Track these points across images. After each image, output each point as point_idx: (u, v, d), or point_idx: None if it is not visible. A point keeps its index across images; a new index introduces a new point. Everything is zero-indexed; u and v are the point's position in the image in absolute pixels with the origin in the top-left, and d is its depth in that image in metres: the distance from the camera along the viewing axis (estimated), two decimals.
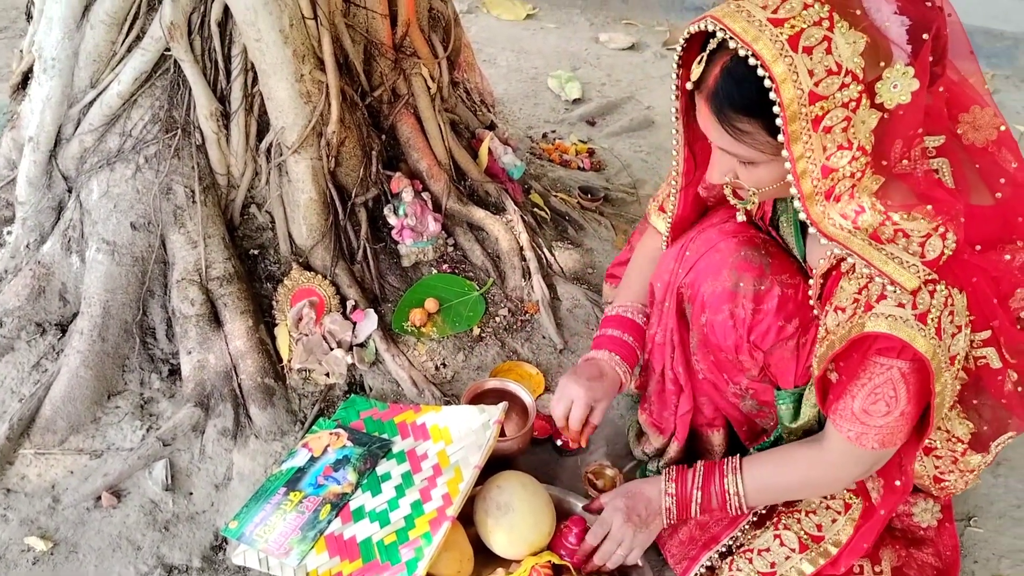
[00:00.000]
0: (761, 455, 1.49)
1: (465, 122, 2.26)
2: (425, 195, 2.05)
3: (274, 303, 1.89)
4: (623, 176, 2.71)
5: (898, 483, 1.41)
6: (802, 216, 1.19)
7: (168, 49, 1.66)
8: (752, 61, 1.08)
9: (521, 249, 2.12)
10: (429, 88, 2.03)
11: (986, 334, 1.27)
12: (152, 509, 1.63)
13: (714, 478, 1.48)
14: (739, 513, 1.49)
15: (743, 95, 1.14)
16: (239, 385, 1.76)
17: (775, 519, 1.54)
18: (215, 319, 1.81)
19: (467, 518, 1.57)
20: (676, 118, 1.34)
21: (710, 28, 1.13)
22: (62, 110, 1.72)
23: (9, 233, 1.91)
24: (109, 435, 1.72)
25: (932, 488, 1.54)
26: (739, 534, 1.55)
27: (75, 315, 1.84)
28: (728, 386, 1.55)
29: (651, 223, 1.68)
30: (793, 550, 1.50)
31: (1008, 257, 1.24)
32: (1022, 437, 1.88)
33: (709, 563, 1.54)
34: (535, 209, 2.30)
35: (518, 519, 1.53)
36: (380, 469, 1.64)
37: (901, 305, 1.19)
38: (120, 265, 1.77)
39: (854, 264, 1.26)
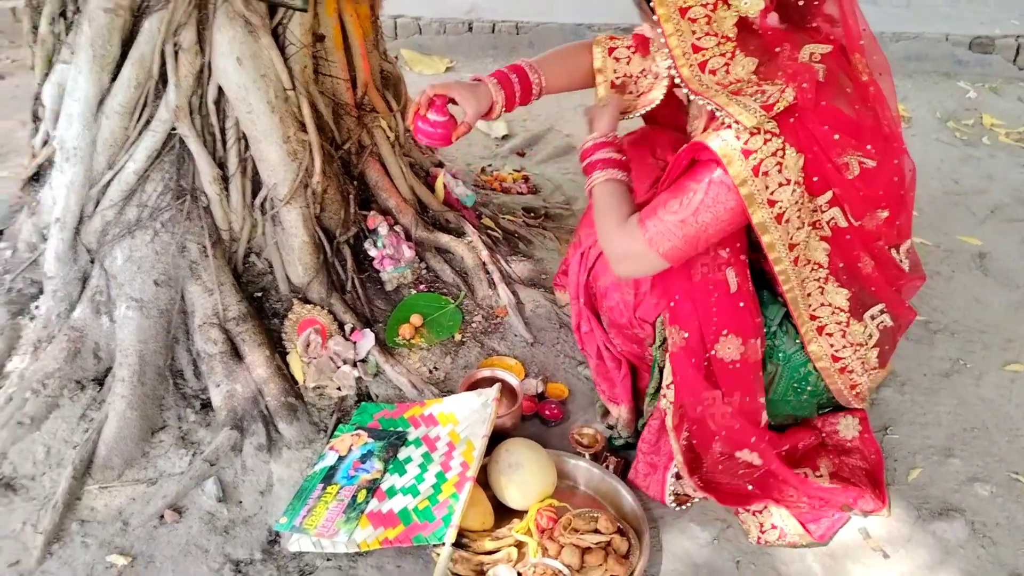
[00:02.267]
0: (624, 193, 1.74)
1: (419, 163, 2.61)
2: (397, 228, 2.37)
3: (283, 335, 2.18)
4: (557, 196, 3.08)
5: None
6: (677, 78, 1.54)
7: (174, 128, 1.96)
8: None
9: (484, 264, 2.45)
10: (388, 137, 2.37)
11: (828, 195, 1.59)
12: (210, 519, 1.88)
13: (594, 171, 1.76)
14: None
15: None
16: (266, 407, 2.03)
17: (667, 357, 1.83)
18: (236, 354, 2.09)
19: (482, 484, 1.88)
20: None
21: None
22: (84, 191, 1.99)
23: (36, 307, 2.15)
24: (159, 464, 1.98)
25: (840, 385, 1.86)
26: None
27: (108, 369, 2.09)
28: (646, 354, 1.91)
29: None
30: None
31: (837, 137, 1.56)
32: (918, 369, 2.29)
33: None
34: (489, 231, 2.64)
35: (527, 474, 1.85)
36: (401, 455, 1.94)
37: (737, 137, 1.50)
38: (148, 318, 2.03)
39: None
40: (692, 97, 1.60)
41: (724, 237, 1.66)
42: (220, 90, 1.97)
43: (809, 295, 1.72)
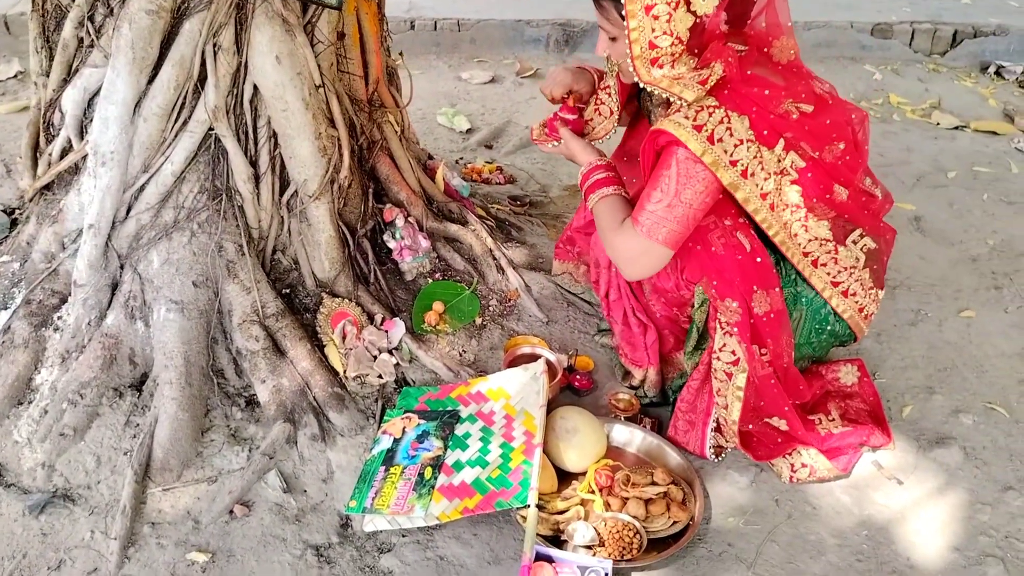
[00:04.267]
0: (617, 204, 1.94)
1: (417, 156, 2.68)
2: (410, 219, 2.44)
3: (317, 328, 2.22)
4: (532, 184, 3.21)
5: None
6: (631, 69, 1.75)
7: (211, 128, 1.97)
8: None
9: (491, 251, 2.56)
10: (396, 132, 2.44)
11: (782, 143, 1.80)
12: (279, 510, 1.91)
13: (590, 194, 1.99)
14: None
15: None
16: (314, 398, 2.08)
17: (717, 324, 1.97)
18: (277, 350, 2.12)
19: None
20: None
21: None
22: (119, 196, 1.97)
23: (60, 318, 2.11)
24: (215, 463, 1.99)
25: (850, 309, 2.04)
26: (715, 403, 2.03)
27: (144, 375, 2.08)
28: (680, 316, 2.08)
29: None
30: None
31: (767, 92, 1.78)
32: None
33: (715, 421, 2.04)
34: (483, 220, 2.74)
35: (583, 438, 1.97)
36: (459, 431, 2.02)
37: (686, 117, 1.75)
38: (189, 319, 2.04)
39: None
40: (652, 94, 1.82)
41: (716, 207, 1.86)
42: (255, 88, 1.99)
43: (796, 235, 1.91)
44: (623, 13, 1.69)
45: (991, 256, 2.95)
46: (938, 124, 3.95)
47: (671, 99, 1.77)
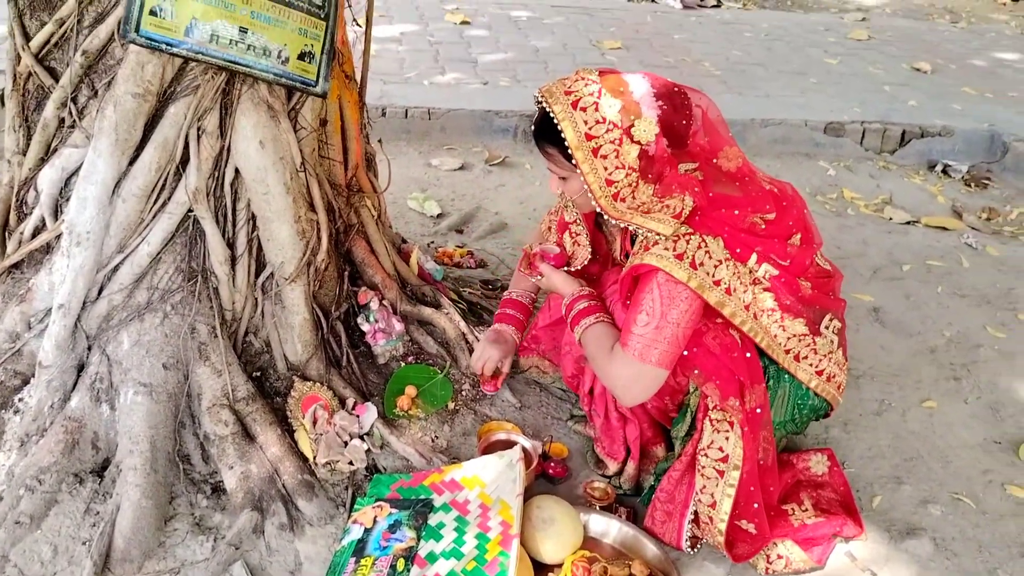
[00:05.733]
0: (604, 331, 2.01)
1: (392, 240, 2.69)
2: (385, 303, 2.44)
3: (288, 413, 2.18)
4: (502, 268, 3.24)
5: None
6: (597, 208, 1.85)
7: (190, 210, 1.97)
8: (552, 115, 1.80)
9: (464, 335, 2.55)
10: (373, 216, 2.45)
11: (754, 256, 1.90)
12: None
13: (575, 326, 2.08)
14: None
15: (546, 132, 1.86)
16: (283, 485, 2.02)
17: (704, 416, 1.99)
18: (246, 435, 2.07)
19: None
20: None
21: (537, 96, 1.85)
22: (93, 276, 1.94)
23: (21, 400, 2.04)
24: (179, 554, 1.91)
25: (831, 390, 2.08)
26: (696, 499, 2.03)
27: (106, 460, 2.02)
28: (671, 405, 2.10)
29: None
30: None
31: (736, 212, 1.88)
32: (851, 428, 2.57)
33: (693, 513, 2.02)
34: (455, 303, 2.74)
35: (561, 528, 1.95)
36: (432, 521, 1.98)
37: (666, 248, 1.83)
38: (158, 403, 1.99)
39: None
40: (612, 222, 1.92)
41: (705, 309, 1.91)
42: (236, 171, 2.00)
43: (775, 336, 1.97)
44: (570, 157, 1.80)
45: (948, 347, 3.03)
46: (891, 219, 4.09)
47: (646, 236, 1.85)
